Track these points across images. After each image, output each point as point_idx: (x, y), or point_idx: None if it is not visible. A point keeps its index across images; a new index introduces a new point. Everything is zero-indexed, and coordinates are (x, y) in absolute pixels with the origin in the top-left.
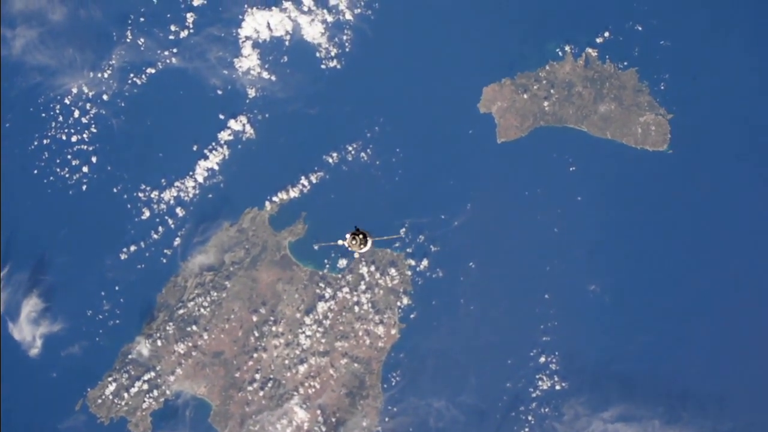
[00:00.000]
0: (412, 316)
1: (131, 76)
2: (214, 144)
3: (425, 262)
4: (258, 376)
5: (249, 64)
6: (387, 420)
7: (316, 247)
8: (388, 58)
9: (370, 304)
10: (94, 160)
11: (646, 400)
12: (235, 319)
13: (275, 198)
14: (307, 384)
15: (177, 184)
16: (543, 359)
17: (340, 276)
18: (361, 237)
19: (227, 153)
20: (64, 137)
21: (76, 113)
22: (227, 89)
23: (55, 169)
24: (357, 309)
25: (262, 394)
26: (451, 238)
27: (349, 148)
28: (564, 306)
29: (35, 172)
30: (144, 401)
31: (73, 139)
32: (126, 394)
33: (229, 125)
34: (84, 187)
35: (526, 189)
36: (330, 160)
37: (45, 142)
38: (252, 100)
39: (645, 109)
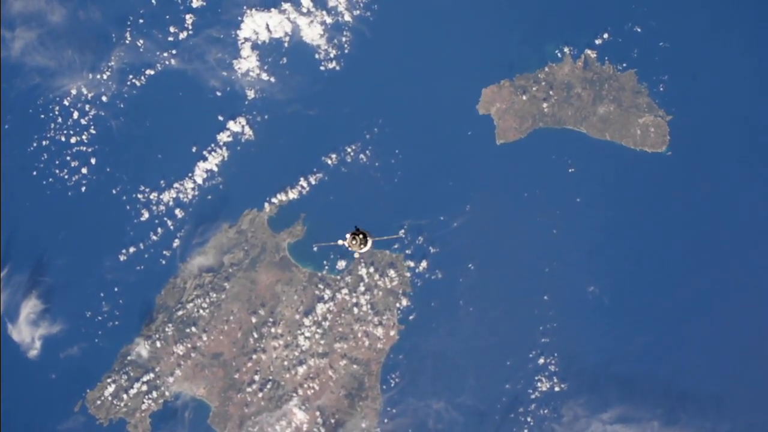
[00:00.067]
0: (411, 317)
1: (130, 77)
2: (213, 145)
3: (424, 264)
4: (257, 378)
5: (248, 66)
6: (386, 421)
7: (316, 248)
8: (387, 59)
9: (369, 306)
10: (93, 161)
11: (645, 402)
12: (234, 320)
13: (274, 199)
14: (306, 385)
15: (176, 185)
16: (542, 360)
17: (339, 277)
18: (361, 237)
19: (226, 154)
20: (64, 138)
21: (76, 114)
22: (226, 91)
23: (54, 171)
24: (356, 310)
25: (261, 395)
26: (450, 240)
27: (348, 150)
28: (563, 307)
29: (34, 173)
30: (143, 402)
31: (73, 140)
32: (125, 396)
33: (228, 126)
34: (83, 189)
35: (525, 190)
36: (329, 162)
37: (44, 143)
38: (251, 101)
39: (644, 110)
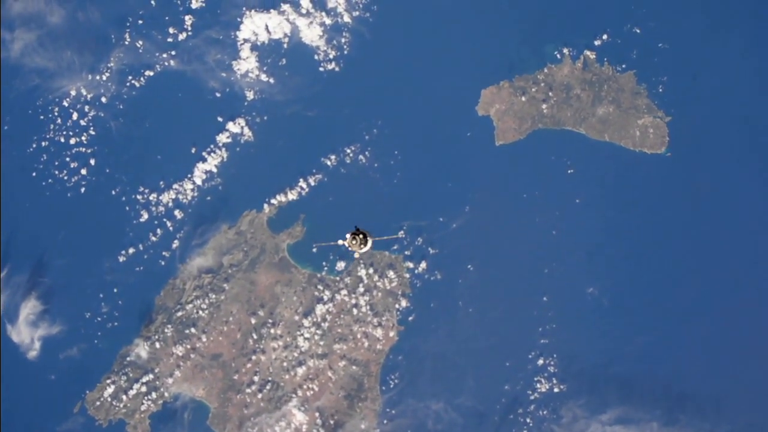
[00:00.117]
0: (411, 318)
1: (129, 78)
2: (212, 146)
3: (423, 265)
4: (256, 379)
5: (247, 67)
6: (385, 422)
7: (315, 248)
8: (386, 60)
9: (368, 307)
10: (92, 162)
11: (645, 403)
12: (234, 321)
13: (273, 200)
14: (305, 386)
15: (175, 186)
16: (541, 362)
17: (338, 278)
18: (361, 237)
19: (225, 155)
20: (63, 139)
21: (75, 116)
22: (225, 92)
23: (53, 172)
24: (355, 311)
25: (260, 396)
26: (450, 241)
27: (348, 151)
28: (562, 308)
29: (34, 174)
30: (142, 403)
31: (72, 141)
32: (124, 397)
33: (227, 128)
34: (82, 190)
35: (525, 191)
36: (328, 163)
37: (44, 144)
38: (250, 102)
39: (643, 111)
